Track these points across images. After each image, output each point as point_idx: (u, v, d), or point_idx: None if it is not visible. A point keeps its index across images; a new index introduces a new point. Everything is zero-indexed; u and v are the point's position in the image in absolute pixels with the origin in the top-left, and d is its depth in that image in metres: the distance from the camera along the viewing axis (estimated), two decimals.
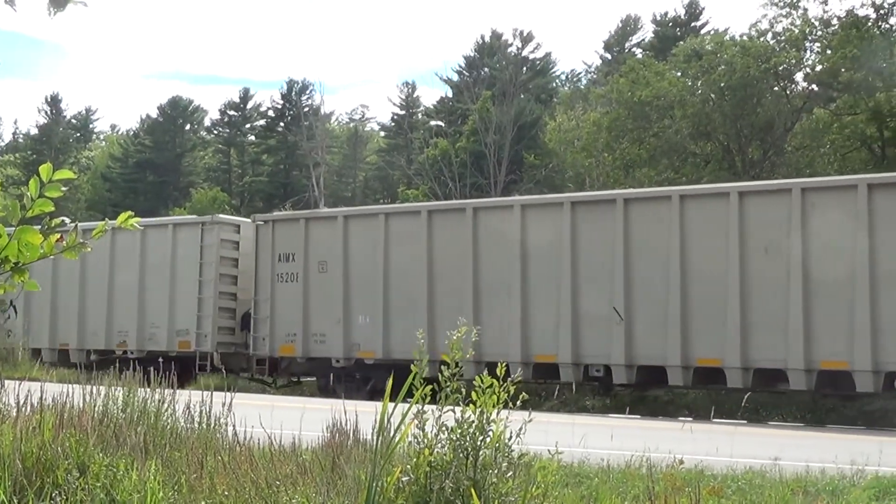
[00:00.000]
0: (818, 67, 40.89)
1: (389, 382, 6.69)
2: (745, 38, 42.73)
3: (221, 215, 33.18)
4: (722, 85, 39.88)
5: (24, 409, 8.76)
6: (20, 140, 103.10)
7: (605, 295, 23.44)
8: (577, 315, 23.79)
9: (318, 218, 28.99)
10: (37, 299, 32.19)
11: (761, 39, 41.55)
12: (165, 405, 9.37)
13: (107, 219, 5.06)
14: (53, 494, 6.75)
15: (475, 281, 25.22)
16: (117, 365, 30.50)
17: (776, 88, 40.64)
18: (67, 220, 4.88)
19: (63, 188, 4.69)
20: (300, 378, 30.46)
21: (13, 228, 4.70)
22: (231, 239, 30.24)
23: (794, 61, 40.49)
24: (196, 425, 9.12)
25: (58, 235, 4.74)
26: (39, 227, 4.73)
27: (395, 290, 26.53)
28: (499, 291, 24.98)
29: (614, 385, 24.57)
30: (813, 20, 40.69)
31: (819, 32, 40.94)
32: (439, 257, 25.97)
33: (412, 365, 6.37)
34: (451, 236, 25.85)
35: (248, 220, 31.53)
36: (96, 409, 9.02)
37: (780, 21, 41.58)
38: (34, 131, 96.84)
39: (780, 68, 40.12)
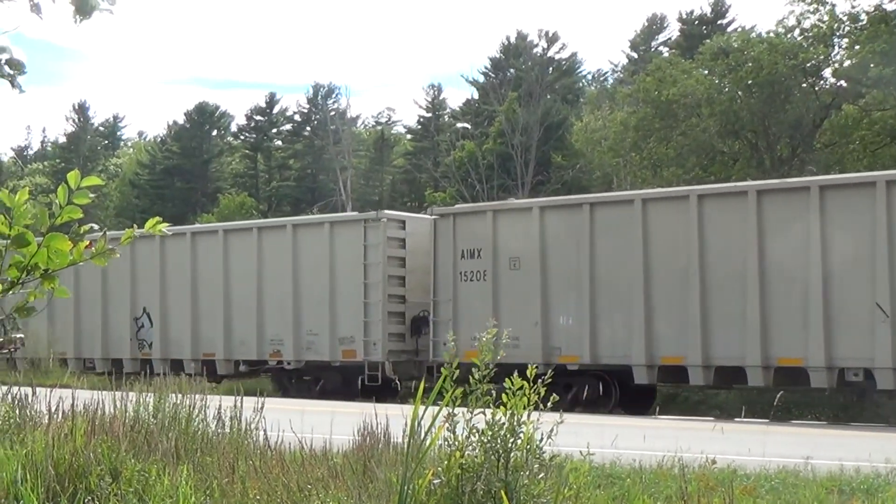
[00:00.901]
0: (846, 63, 40.62)
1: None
2: (771, 34, 42.48)
3: (387, 211, 30.80)
4: (749, 82, 39.66)
5: (55, 415, 8.80)
6: (48, 148, 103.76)
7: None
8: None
9: (508, 210, 26.35)
10: (175, 307, 30.92)
11: (788, 36, 41.31)
12: (196, 410, 9.40)
13: (135, 225, 5.06)
14: (86, 500, 6.77)
15: (702, 275, 22.80)
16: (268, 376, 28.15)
17: (804, 85, 40.38)
18: (96, 227, 4.89)
19: (91, 195, 4.70)
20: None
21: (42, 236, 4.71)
22: (397, 236, 27.94)
23: (822, 57, 40.22)
24: (227, 430, 9.14)
25: (87, 242, 4.75)
26: (68, 234, 4.74)
27: (602, 286, 24.12)
28: (729, 285, 22.59)
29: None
30: (841, 16, 40.40)
31: (847, 28, 40.64)
32: (656, 249, 23.54)
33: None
34: (669, 225, 23.52)
35: (415, 216, 29.76)
36: (128, 415, 9.05)
37: (808, 17, 41.30)
38: (62, 139, 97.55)
39: (808, 65, 39.87)
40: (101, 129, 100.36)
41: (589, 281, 24.11)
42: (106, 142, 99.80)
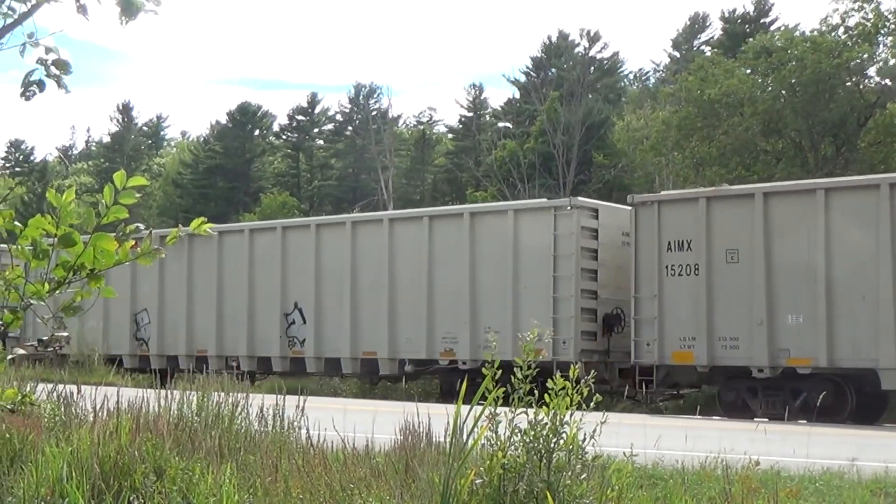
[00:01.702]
0: (891, 61, 40.29)
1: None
2: (815, 33, 42.19)
3: (581, 198, 28.35)
4: (793, 81, 39.42)
5: (101, 413, 8.87)
6: (93, 148, 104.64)
7: None
8: None
9: (724, 197, 23.82)
10: (331, 302, 28.90)
11: (832, 34, 41.01)
12: (239, 409, 9.44)
13: (180, 225, 5.10)
14: (131, 498, 6.82)
15: None
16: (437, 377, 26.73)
17: (848, 84, 40.07)
18: (142, 227, 4.93)
19: (136, 195, 4.73)
20: (680, 392, 25.58)
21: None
22: (589, 226, 25.68)
23: (866, 56, 39.91)
24: (269, 429, 9.18)
25: (132, 242, 4.79)
26: (114, 233, 4.78)
27: (840, 281, 21.90)
28: None
29: None
30: (886, 13, 40.11)
31: (892, 25, 40.35)
32: None
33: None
34: None
35: (608, 204, 27.65)
36: (172, 413, 9.10)
37: (852, 15, 41.04)
38: (106, 139, 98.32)
39: (853, 63, 39.56)
40: (145, 128, 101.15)
41: (824, 275, 21.91)
42: (149, 141, 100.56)
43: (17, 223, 4.77)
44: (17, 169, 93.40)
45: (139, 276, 31.85)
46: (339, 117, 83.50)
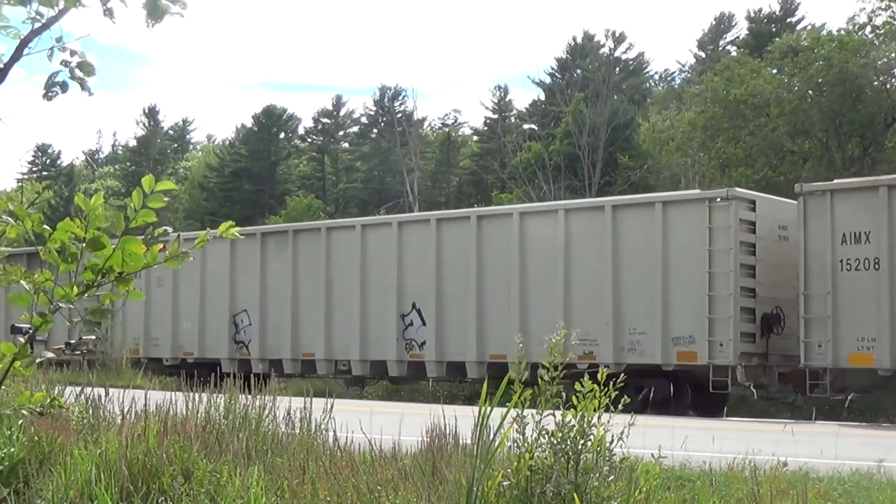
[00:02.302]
0: None
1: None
2: (842, 32, 42.00)
3: (738, 189, 26.47)
4: (819, 81, 39.24)
5: (128, 416, 8.91)
6: (119, 152, 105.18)
7: None
8: None
9: None
10: (452, 303, 27.08)
11: (859, 33, 40.83)
12: (266, 411, 9.46)
13: (208, 228, 5.12)
14: (159, 500, 6.85)
15: None
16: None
17: (875, 83, 39.87)
18: (170, 230, 4.95)
19: (165, 199, 4.76)
20: (846, 395, 22.84)
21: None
22: (747, 219, 23.84)
23: (893, 55, 39.71)
24: (297, 431, 9.19)
25: (160, 245, 4.82)
26: (142, 237, 4.81)
27: None
28: None
29: None
30: None
31: None
32: None
33: None
34: None
35: (766, 196, 25.84)
36: (199, 416, 9.13)
37: (879, 14, 40.89)
38: (133, 143, 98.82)
39: (880, 63, 39.38)
40: (171, 132, 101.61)
41: None
42: (175, 145, 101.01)
43: (45, 227, 4.80)
44: (45, 173, 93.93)
45: (238, 276, 31.03)
46: (364, 120, 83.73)
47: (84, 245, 4.78)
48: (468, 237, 26.95)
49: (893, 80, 41.12)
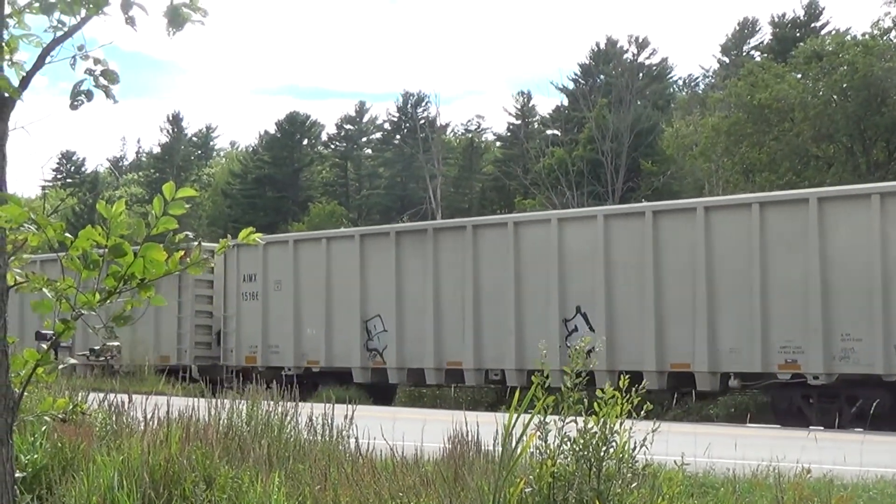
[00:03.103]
0: None
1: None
2: (866, 37, 41.84)
3: None
4: (844, 86, 39.09)
5: (151, 422, 8.93)
6: (143, 159, 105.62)
7: None
8: None
9: None
10: (622, 305, 24.50)
11: (884, 38, 40.66)
12: (288, 418, 9.47)
13: (228, 235, 5.13)
14: None
15: None
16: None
17: None
18: (191, 235, 4.96)
19: (185, 205, 4.77)
20: None
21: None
22: None
23: None
24: (319, 438, 9.20)
25: (182, 252, 4.83)
26: (164, 244, 4.82)
27: None
28: None
29: None
30: None
31: None
32: None
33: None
34: None
35: None
36: (221, 422, 9.15)
37: None
38: (157, 150, 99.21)
39: None
40: (195, 139, 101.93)
41: None
42: (199, 152, 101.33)
43: (67, 234, 4.82)
44: (69, 180, 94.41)
45: (370, 279, 28.49)
46: (387, 126, 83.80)
47: (106, 252, 4.80)
48: (643, 233, 24.29)
49: None
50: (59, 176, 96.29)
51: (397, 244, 28.23)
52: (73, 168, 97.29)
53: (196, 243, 4.97)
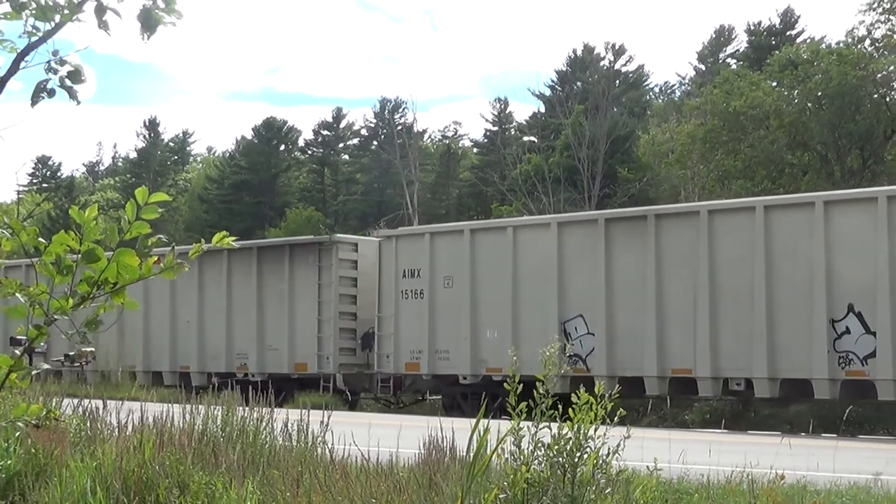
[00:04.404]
0: None
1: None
2: (841, 45, 42.08)
3: None
4: (819, 94, 39.30)
5: (125, 428, 8.90)
6: (119, 164, 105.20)
7: None
8: None
9: None
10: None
11: (858, 46, 40.90)
12: (264, 424, 9.45)
13: (202, 239, 5.12)
14: None
15: None
16: None
17: (875, 96, 39.93)
18: (164, 238, 4.96)
19: (160, 210, 4.77)
20: None
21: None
22: None
23: (892, 67, 39.78)
24: (294, 443, 9.18)
25: (155, 258, 4.82)
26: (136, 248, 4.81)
27: None
28: None
29: None
30: None
31: None
32: None
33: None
34: None
35: None
36: (196, 427, 9.13)
37: (878, 27, 40.97)
38: (133, 155, 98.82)
39: (879, 75, 39.44)
40: (171, 144, 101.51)
41: None
42: (175, 157, 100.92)
43: (41, 240, 4.81)
44: (45, 185, 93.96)
45: (569, 271, 25.16)
46: (364, 132, 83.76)
47: (79, 257, 4.79)
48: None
49: (892, 93, 41.17)
50: (34, 181, 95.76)
51: (606, 232, 24.68)
52: (48, 173, 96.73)
53: (170, 248, 4.96)
